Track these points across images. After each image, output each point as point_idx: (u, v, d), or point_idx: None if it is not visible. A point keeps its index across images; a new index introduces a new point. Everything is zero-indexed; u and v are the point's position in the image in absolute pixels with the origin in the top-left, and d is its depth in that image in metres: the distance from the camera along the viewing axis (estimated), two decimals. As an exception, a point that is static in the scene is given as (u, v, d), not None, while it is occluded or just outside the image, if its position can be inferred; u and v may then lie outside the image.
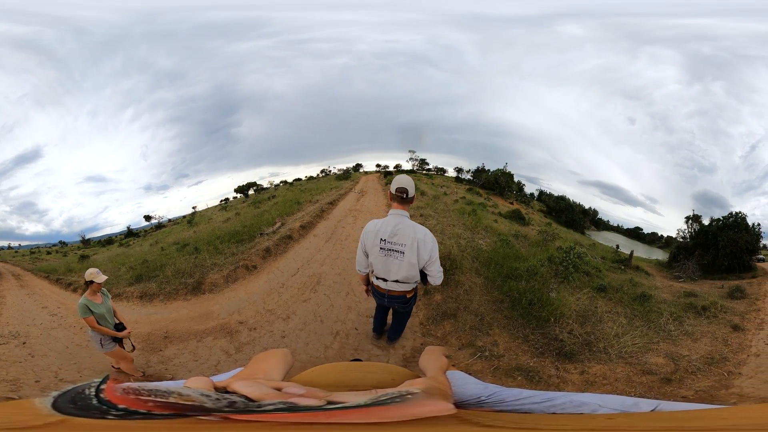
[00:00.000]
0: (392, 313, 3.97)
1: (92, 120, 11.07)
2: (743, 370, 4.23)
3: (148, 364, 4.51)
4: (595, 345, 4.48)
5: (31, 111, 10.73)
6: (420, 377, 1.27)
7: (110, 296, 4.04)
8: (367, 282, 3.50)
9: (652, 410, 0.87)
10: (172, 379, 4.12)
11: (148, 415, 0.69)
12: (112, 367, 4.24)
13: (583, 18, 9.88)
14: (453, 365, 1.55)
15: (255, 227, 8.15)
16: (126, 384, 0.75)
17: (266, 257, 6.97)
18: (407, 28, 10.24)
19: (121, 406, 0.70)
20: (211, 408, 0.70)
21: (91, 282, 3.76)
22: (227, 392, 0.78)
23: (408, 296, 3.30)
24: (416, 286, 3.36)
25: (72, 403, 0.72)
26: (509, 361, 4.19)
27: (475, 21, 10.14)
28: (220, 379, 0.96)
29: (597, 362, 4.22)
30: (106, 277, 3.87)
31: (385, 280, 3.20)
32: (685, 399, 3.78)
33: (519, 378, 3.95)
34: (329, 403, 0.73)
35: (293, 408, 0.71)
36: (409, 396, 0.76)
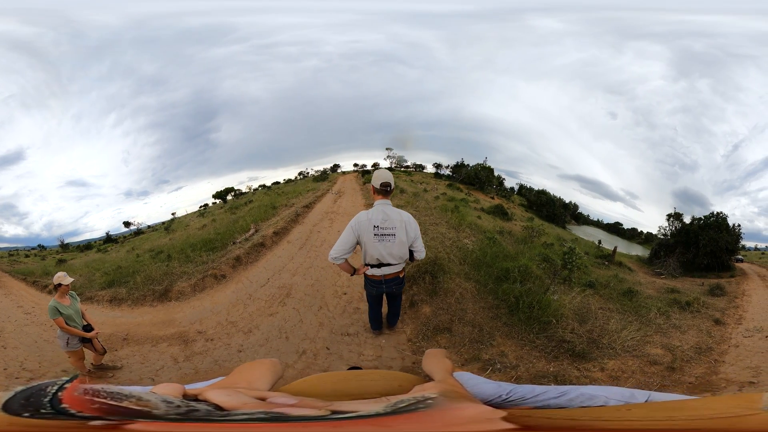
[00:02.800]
0: (387, 300, 4.03)
1: (76, 124, 10.37)
2: (726, 359, 4.36)
3: (101, 360, 4.40)
4: (600, 342, 4.32)
5: (16, 112, 10.03)
6: (427, 381, 1.14)
7: (79, 299, 4.03)
8: (353, 268, 3.47)
9: (646, 400, 0.92)
10: (113, 377, 4.23)
11: (73, 416, 0.63)
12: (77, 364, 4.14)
13: (558, 12, 9.22)
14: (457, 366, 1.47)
15: (228, 234, 7.33)
16: (90, 385, 0.67)
17: (236, 266, 6.17)
18: (362, 28, 9.73)
19: (62, 406, 0.64)
20: (159, 415, 0.63)
21: (60, 285, 3.79)
22: (196, 400, 0.70)
23: (401, 276, 3.54)
24: (404, 266, 3.57)
25: (24, 399, 0.66)
26: (527, 369, 3.91)
27: (430, 18, 9.55)
28: (196, 386, 0.88)
29: (608, 358, 4.13)
30: (73, 279, 3.88)
31: (379, 266, 3.36)
32: (690, 385, 3.91)
33: (552, 384, 3.50)
34: (335, 413, 0.64)
35: (279, 418, 0.63)
36: (430, 401, 0.67)
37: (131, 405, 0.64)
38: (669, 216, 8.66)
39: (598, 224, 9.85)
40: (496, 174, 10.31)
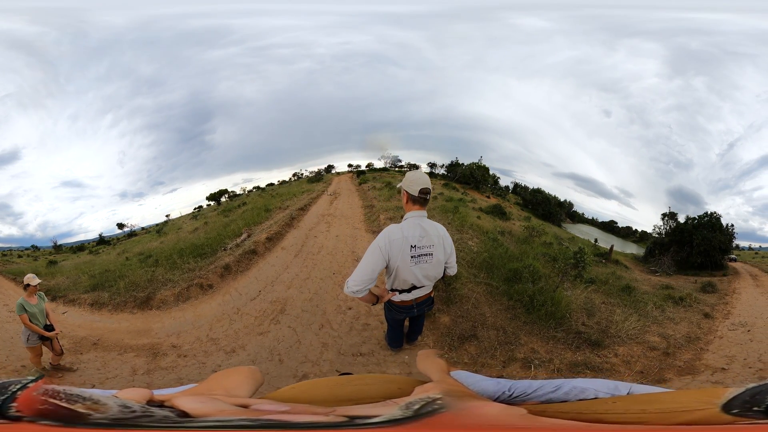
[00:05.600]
0: (410, 319, 3.18)
1: (72, 124, 9.57)
2: (710, 348, 4.46)
3: (59, 361, 4.16)
4: (608, 331, 4.34)
5: (13, 112, 9.23)
6: (425, 382, 0.99)
7: (46, 300, 3.98)
8: (375, 297, 2.54)
9: (628, 392, 0.89)
10: (61, 377, 3.98)
11: (13, 418, 0.59)
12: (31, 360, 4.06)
13: (537, 11, 8.55)
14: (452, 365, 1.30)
15: (219, 239, 6.36)
16: (52, 386, 0.63)
17: (224, 276, 5.19)
18: (351, 29, 9.03)
19: (10, 405, 0.59)
20: (97, 419, 0.58)
21: (28, 285, 3.79)
22: (160, 406, 0.65)
23: (432, 295, 2.79)
24: None
25: None
26: (560, 361, 3.80)
27: (412, 19, 8.84)
28: (165, 392, 0.81)
29: (618, 345, 4.16)
30: (39, 281, 3.88)
31: (409, 291, 2.55)
32: (679, 370, 3.95)
33: (589, 373, 3.69)
34: (352, 418, 0.57)
35: (273, 425, 0.56)
36: (440, 401, 0.62)
37: (82, 409, 0.58)
38: (664, 215, 8.06)
39: (593, 222, 9.15)
40: (491, 173, 9.60)
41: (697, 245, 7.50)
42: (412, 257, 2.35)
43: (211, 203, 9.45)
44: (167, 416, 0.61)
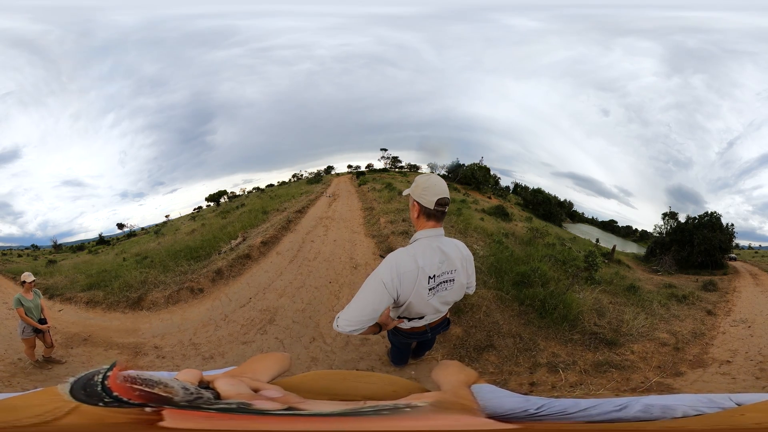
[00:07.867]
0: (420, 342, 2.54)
1: (73, 123, 9.08)
2: (714, 343, 4.44)
3: (50, 353, 4.15)
4: (620, 330, 4.24)
5: (13, 110, 8.80)
6: (430, 391, 0.90)
7: (41, 296, 4.05)
8: (378, 326, 1.91)
9: (738, 404, 0.72)
10: (51, 368, 3.99)
11: (125, 403, 0.59)
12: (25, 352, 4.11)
13: (525, 11, 8.13)
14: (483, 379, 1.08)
15: (214, 242, 5.88)
16: (127, 372, 0.62)
17: (216, 280, 4.72)
18: (350, 31, 8.64)
19: (114, 394, 0.60)
20: (177, 401, 0.60)
21: (24, 282, 3.87)
22: (207, 387, 0.66)
23: (448, 316, 2.16)
24: None
25: (83, 390, 0.61)
26: (584, 363, 3.60)
27: (407, 20, 8.45)
28: (212, 373, 0.80)
29: (632, 343, 4.06)
30: (35, 278, 3.93)
31: (421, 318, 1.95)
32: (690, 363, 3.78)
33: (614, 371, 3.48)
34: (289, 409, 0.61)
35: (245, 410, 0.59)
36: (408, 409, 0.61)
37: (160, 391, 0.59)
38: (664, 215, 7.66)
39: (593, 222, 8.68)
40: (491, 173, 9.10)
41: (697, 244, 7.13)
42: (430, 290, 1.73)
43: (211, 204, 8.96)
44: (208, 398, 0.60)
